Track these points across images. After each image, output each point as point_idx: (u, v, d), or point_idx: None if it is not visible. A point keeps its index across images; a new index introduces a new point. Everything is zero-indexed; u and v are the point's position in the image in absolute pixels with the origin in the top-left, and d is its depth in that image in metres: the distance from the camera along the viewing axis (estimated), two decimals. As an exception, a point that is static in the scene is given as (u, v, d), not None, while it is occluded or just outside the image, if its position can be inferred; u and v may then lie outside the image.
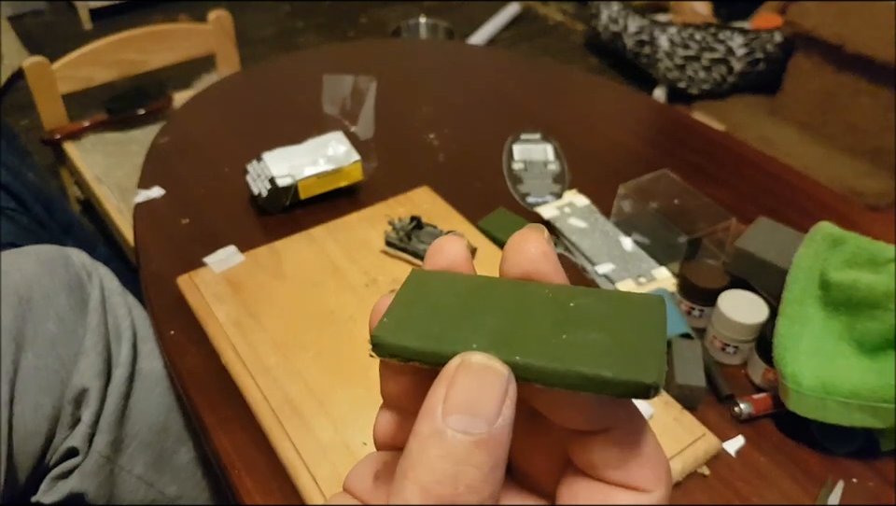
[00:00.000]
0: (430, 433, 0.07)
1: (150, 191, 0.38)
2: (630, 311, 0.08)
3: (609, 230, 0.36)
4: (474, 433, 0.07)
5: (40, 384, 0.27)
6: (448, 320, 0.08)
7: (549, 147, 0.43)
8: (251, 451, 0.25)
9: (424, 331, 0.08)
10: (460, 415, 0.07)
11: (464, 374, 0.08)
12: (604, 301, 0.08)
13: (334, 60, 0.53)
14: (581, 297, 0.09)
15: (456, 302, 0.09)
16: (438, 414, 0.07)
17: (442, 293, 0.09)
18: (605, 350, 0.08)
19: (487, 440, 0.07)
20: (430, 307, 0.09)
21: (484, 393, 0.07)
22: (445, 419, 0.07)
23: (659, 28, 0.99)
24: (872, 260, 0.27)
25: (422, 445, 0.07)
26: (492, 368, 0.08)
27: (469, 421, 0.07)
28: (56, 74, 0.64)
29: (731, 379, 0.29)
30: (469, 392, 0.07)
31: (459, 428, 0.07)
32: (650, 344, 0.08)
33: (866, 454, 0.26)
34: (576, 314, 0.08)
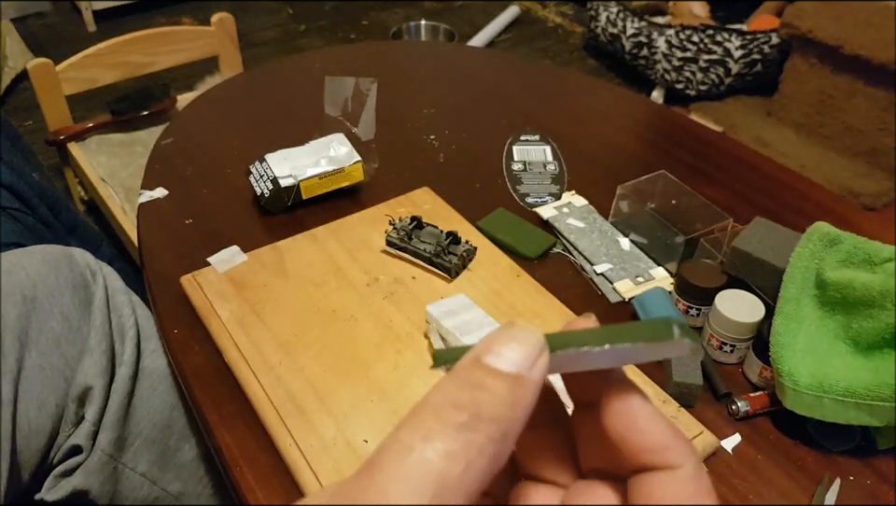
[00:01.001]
0: (466, 365, 0.08)
1: (154, 192, 0.39)
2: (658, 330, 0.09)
3: (608, 230, 0.36)
4: (502, 369, 0.08)
5: (44, 382, 0.27)
6: None
7: (548, 148, 0.43)
8: (254, 448, 0.26)
9: None
10: (495, 354, 0.08)
11: (506, 329, 0.08)
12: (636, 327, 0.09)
13: (336, 62, 0.53)
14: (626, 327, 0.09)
15: None
16: (476, 353, 0.08)
17: None
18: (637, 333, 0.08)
19: (514, 378, 0.07)
20: None
21: (521, 344, 0.08)
22: (482, 356, 0.08)
23: (657, 30, 0.99)
24: (867, 259, 0.27)
25: (454, 374, 0.07)
26: (529, 328, 0.08)
27: (504, 361, 0.08)
28: (60, 75, 0.64)
29: (728, 377, 0.29)
30: (507, 341, 0.08)
31: (491, 361, 0.08)
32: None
33: (863, 452, 0.26)
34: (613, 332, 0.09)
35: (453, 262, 0.32)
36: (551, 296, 0.31)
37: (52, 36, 1.19)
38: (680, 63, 0.97)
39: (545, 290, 0.32)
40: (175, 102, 0.70)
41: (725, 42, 0.95)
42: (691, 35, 0.96)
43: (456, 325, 0.27)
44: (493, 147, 0.43)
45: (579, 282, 0.33)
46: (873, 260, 0.27)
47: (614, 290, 0.33)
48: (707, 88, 0.98)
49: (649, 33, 1.00)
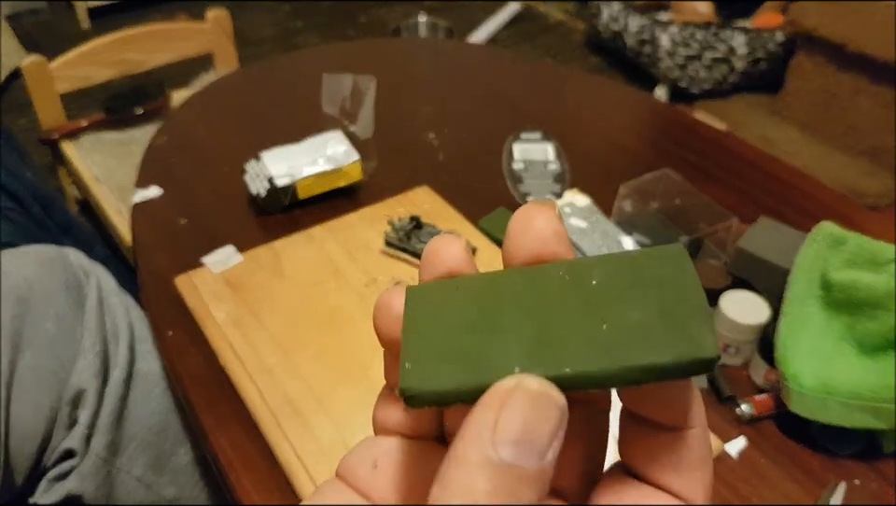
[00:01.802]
0: (479, 462, 0.06)
1: (148, 191, 0.38)
2: (655, 272, 0.07)
3: (610, 230, 0.35)
4: (525, 467, 0.06)
5: (38, 384, 0.26)
6: (474, 342, 0.07)
7: (549, 146, 0.42)
8: (250, 451, 0.25)
9: (454, 365, 0.07)
10: (513, 446, 0.06)
11: (520, 401, 0.07)
12: (624, 268, 0.08)
13: (334, 59, 0.53)
14: (599, 270, 0.07)
15: (472, 314, 0.08)
16: (487, 440, 0.07)
17: (452, 309, 0.08)
18: (652, 331, 0.07)
19: (538, 474, 0.07)
20: (447, 331, 0.08)
21: (541, 424, 0.07)
22: (497, 449, 0.06)
23: (660, 27, 0.98)
24: (872, 259, 0.27)
25: (468, 473, 0.06)
26: (550, 397, 0.07)
27: (521, 453, 0.06)
28: (54, 73, 0.63)
29: (732, 380, 0.29)
30: (524, 422, 0.07)
31: (511, 459, 0.06)
32: (692, 308, 0.07)
33: (868, 455, 0.26)
34: (602, 293, 0.07)
35: (452, 263, 0.31)
36: (552, 297, 0.31)
37: (46, 34, 1.18)
38: (684, 61, 0.97)
39: (546, 291, 0.31)
40: (169, 100, 0.70)
41: (729, 40, 0.94)
42: (694, 32, 0.95)
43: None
44: (493, 146, 0.43)
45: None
46: (877, 261, 0.26)
47: (616, 291, 0.32)
48: (711, 86, 0.97)
49: (652, 30, 0.99)
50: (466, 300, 0.08)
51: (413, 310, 0.08)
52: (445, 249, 0.08)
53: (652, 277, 0.07)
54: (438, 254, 0.08)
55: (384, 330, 0.08)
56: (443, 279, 0.08)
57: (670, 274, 0.07)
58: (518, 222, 0.08)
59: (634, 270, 0.08)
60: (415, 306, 0.08)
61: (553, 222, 0.08)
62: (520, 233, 0.08)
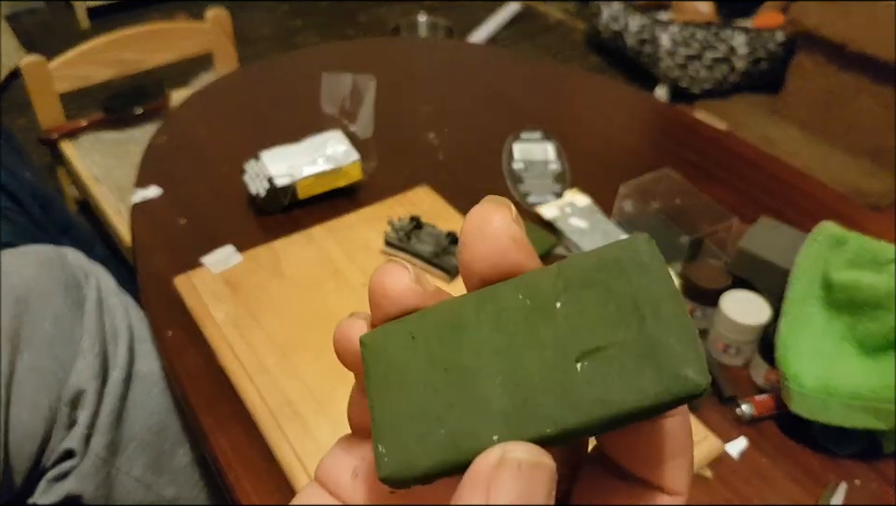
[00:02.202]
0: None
1: (147, 191, 0.38)
2: (623, 280, 0.07)
3: (611, 229, 0.35)
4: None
5: (37, 385, 0.26)
6: (445, 409, 0.07)
7: (549, 146, 0.42)
8: (249, 452, 0.25)
9: (431, 441, 0.07)
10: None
11: (508, 476, 0.06)
12: (587, 280, 0.07)
13: (333, 58, 0.53)
14: (561, 287, 0.07)
15: (436, 373, 0.07)
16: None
17: (414, 366, 0.07)
18: (632, 366, 0.06)
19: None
20: (415, 396, 0.07)
21: (534, 492, 0.06)
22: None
23: (660, 27, 0.98)
24: (874, 260, 0.27)
25: None
26: (540, 464, 0.06)
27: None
28: (53, 73, 0.63)
29: (733, 380, 0.29)
30: (518, 495, 0.06)
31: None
32: (671, 325, 0.06)
33: (869, 455, 0.26)
34: (570, 322, 0.07)
35: (452, 263, 0.31)
36: (552, 297, 0.31)
37: (45, 33, 1.18)
38: (684, 61, 0.97)
39: (546, 291, 0.31)
40: (169, 99, 0.69)
41: (730, 39, 0.94)
42: (695, 31, 0.95)
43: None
44: (493, 146, 0.43)
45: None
46: (878, 261, 0.26)
47: (617, 291, 0.32)
48: (712, 85, 0.97)
49: (652, 29, 0.99)
50: (426, 350, 0.07)
51: (373, 369, 0.07)
52: (393, 286, 0.07)
53: (621, 289, 0.07)
54: (385, 293, 0.08)
55: (348, 363, 0.08)
56: (397, 320, 0.08)
57: (641, 281, 0.07)
58: (472, 225, 0.07)
59: (599, 282, 0.07)
60: (375, 364, 0.07)
61: (511, 226, 0.07)
62: (476, 240, 0.07)
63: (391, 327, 0.08)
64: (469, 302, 0.07)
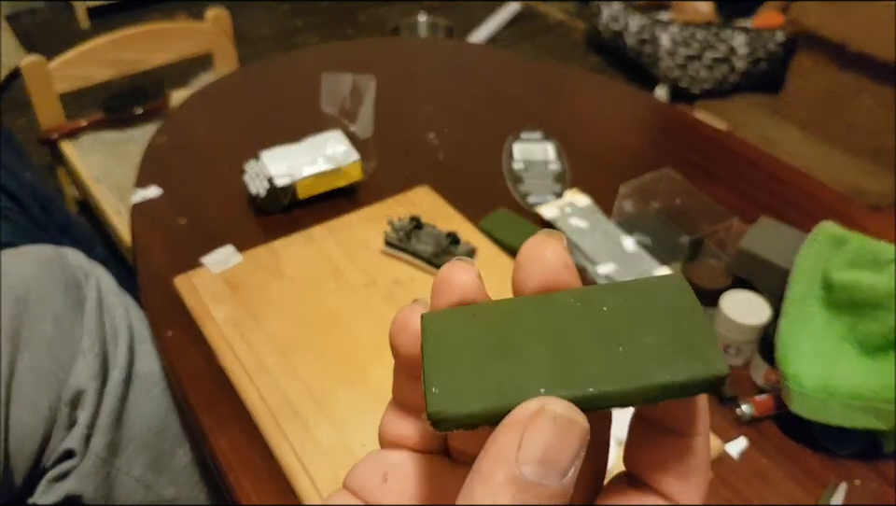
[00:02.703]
0: (504, 480, 0.07)
1: (147, 191, 0.38)
2: (661, 299, 0.08)
3: (611, 230, 0.35)
4: (549, 486, 0.07)
5: (37, 385, 0.26)
6: (496, 365, 0.08)
7: (549, 146, 0.42)
8: (249, 452, 0.25)
9: (480, 389, 0.08)
10: (537, 466, 0.07)
11: (544, 424, 0.07)
12: (632, 295, 0.08)
13: (333, 58, 0.53)
14: (609, 298, 0.08)
15: (491, 340, 0.08)
16: (512, 459, 0.07)
17: (470, 335, 0.08)
18: (666, 352, 0.08)
19: (560, 492, 0.07)
20: (468, 356, 0.08)
21: (564, 446, 0.07)
22: (521, 467, 0.07)
23: (660, 27, 0.98)
24: (874, 260, 0.27)
25: (492, 490, 0.07)
26: (574, 420, 0.07)
27: (545, 473, 0.07)
28: (53, 73, 0.63)
29: (733, 380, 0.29)
30: (549, 444, 0.07)
31: (535, 478, 0.07)
32: (700, 331, 0.08)
33: (869, 455, 0.26)
34: (614, 319, 0.08)
35: (452, 263, 0.31)
36: (552, 297, 0.31)
37: (45, 33, 1.18)
38: (684, 61, 0.97)
39: (546, 291, 0.31)
40: (168, 99, 0.69)
41: (730, 39, 0.94)
42: (695, 31, 0.95)
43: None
44: (493, 146, 0.43)
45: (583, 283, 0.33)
46: (879, 261, 0.26)
47: (617, 291, 0.32)
48: (712, 85, 0.97)
49: (652, 29, 0.99)
50: (483, 326, 0.08)
51: (431, 336, 0.08)
52: (458, 277, 0.09)
53: (659, 304, 0.08)
54: (450, 282, 0.09)
55: (401, 348, 0.09)
56: (457, 307, 0.08)
57: (675, 301, 0.08)
58: (527, 253, 0.09)
59: (641, 297, 0.08)
60: (433, 332, 0.08)
61: (562, 254, 0.08)
62: (530, 264, 0.08)
63: (450, 311, 0.08)
64: (524, 299, 0.08)
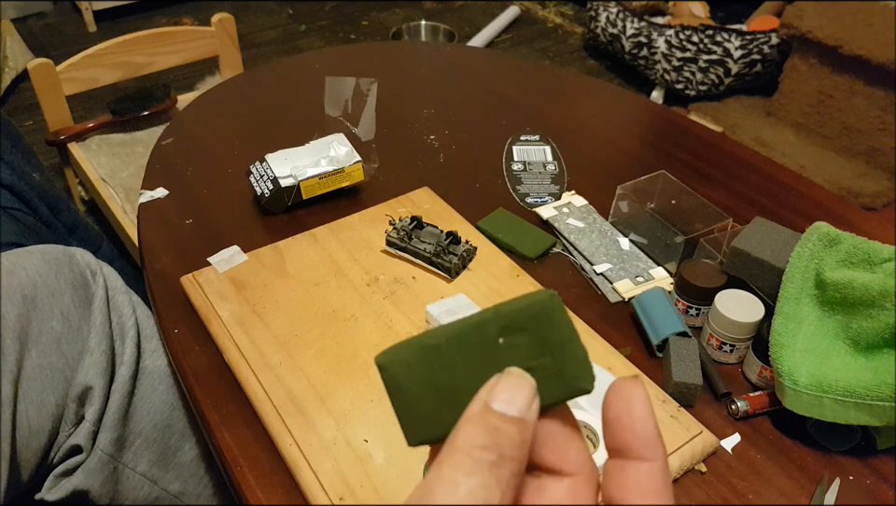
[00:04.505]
0: (479, 411, 0.10)
1: (154, 192, 0.39)
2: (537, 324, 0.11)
3: (607, 230, 0.36)
4: (511, 415, 0.10)
5: (44, 382, 0.27)
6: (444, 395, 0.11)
7: (547, 148, 0.43)
8: (254, 448, 0.26)
9: (439, 415, 0.10)
10: (502, 401, 0.10)
11: (507, 379, 0.10)
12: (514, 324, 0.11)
13: (336, 62, 0.53)
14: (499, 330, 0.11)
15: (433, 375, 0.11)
16: (484, 399, 0.10)
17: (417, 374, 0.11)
18: (550, 379, 0.10)
19: (520, 421, 0.10)
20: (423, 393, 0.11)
21: (522, 391, 0.10)
22: (492, 401, 0.10)
23: (657, 30, 0.99)
24: (867, 259, 0.27)
25: (471, 422, 0.09)
26: (526, 377, 0.10)
27: (508, 406, 0.10)
28: (61, 75, 0.64)
29: (727, 377, 0.29)
30: (510, 388, 0.10)
31: (501, 408, 0.10)
32: (572, 355, 0.10)
33: (863, 451, 0.26)
34: (509, 351, 0.11)
35: (453, 262, 0.32)
36: (551, 296, 0.31)
37: (53, 36, 1.19)
38: (680, 64, 0.98)
39: (545, 290, 0.32)
40: (175, 102, 0.70)
41: (725, 42, 0.95)
42: (690, 35, 0.96)
43: (456, 325, 0.27)
44: (493, 148, 0.43)
45: (578, 282, 0.33)
46: (872, 260, 0.27)
47: (614, 290, 0.33)
48: (707, 88, 0.98)
49: (648, 33, 1.00)
50: (424, 364, 0.11)
51: (391, 382, 0.11)
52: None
53: (538, 332, 0.10)
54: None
55: None
56: (398, 345, 0.11)
57: (550, 328, 0.11)
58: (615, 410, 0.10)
59: (523, 327, 0.11)
60: (391, 378, 0.11)
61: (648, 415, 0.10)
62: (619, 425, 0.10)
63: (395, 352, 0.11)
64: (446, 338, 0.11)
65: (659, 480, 0.10)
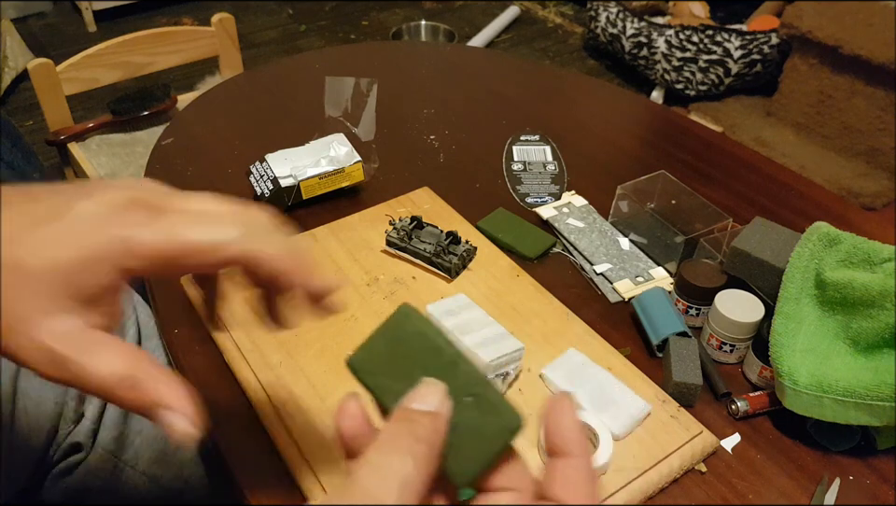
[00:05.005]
0: (400, 411, 0.13)
1: (154, 192, 0.39)
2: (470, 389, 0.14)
3: (607, 230, 0.36)
4: (425, 410, 0.13)
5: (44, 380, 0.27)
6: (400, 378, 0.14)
7: (547, 148, 0.43)
8: (254, 447, 0.26)
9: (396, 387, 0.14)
10: (418, 402, 0.13)
11: (422, 386, 0.13)
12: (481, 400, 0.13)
13: (336, 62, 0.53)
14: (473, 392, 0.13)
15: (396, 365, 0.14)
16: (404, 404, 0.13)
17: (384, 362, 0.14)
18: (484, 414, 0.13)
19: (434, 414, 0.13)
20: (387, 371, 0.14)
21: (433, 393, 0.13)
22: (409, 404, 0.13)
23: (657, 30, 0.99)
24: (867, 259, 0.27)
25: (394, 419, 0.13)
26: (438, 384, 0.13)
27: (422, 404, 0.13)
28: (61, 75, 0.64)
29: (727, 377, 0.29)
30: (424, 391, 0.13)
31: (417, 406, 0.13)
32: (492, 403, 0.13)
33: (863, 451, 0.27)
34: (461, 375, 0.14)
35: (453, 262, 0.32)
36: (550, 296, 0.31)
37: (53, 36, 1.19)
38: (680, 64, 0.98)
39: (545, 290, 0.32)
40: (175, 102, 0.70)
41: (725, 42, 0.95)
42: (690, 35, 0.96)
43: (456, 325, 0.27)
44: (493, 148, 0.43)
45: (578, 282, 0.33)
46: (872, 260, 0.27)
47: (614, 290, 0.33)
48: (707, 88, 0.99)
49: (648, 33, 1.00)
50: (389, 355, 0.14)
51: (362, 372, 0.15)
52: None
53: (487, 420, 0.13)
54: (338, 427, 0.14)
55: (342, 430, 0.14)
56: (366, 344, 0.15)
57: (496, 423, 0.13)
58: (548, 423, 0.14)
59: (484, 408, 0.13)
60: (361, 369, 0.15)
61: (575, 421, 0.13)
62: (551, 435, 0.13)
63: (362, 352, 0.15)
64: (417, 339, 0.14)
65: (581, 471, 0.13)
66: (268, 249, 0.15)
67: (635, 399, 0.26)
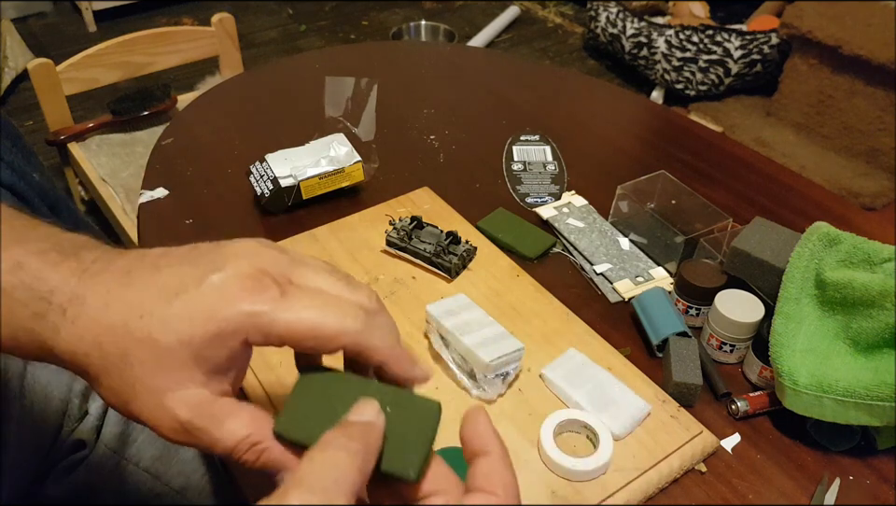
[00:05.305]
0: (342, 424, 0.14)
1: (154, 192, 0.39)
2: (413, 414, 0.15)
3: (607, 230, 0.36)
4: (363, 421, 0.15)
5: (48, 377, 0.27)
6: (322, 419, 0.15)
7: (547, 148, 0.43)
8: (254, 447, 0.26)
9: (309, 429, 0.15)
10: (356, 415, 0.15)
11: (359, 403, 0.15)
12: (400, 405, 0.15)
13: (336, 62, 0.53)
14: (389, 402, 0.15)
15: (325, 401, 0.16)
16: (348, 417, 0.15)
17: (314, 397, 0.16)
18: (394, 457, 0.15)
19: (369, 424, 0.15)
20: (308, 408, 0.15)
21: (368, 407, 0.15)
22: (351, 417, 0.15)
23: (657, 30, 0.99)
24: (867, 259, 0.27)
25: (337, 428, 0.14)
26: (373, 401, 0.15)
27: (360, 416, 0.15)
28: (61, 75, 0.64)
29: (727, 377, 0.29)
30: (361, 406, 0.15)
31: (355, 418, 0.15)
32: (416, 442, 0.15)
33: (863, 451, 0.27)
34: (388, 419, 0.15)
35: (453, 262, 0.32)
36: (550, 296, 0.31)
37: (53, 36, 1.19)
38: (680, 64, 0.98)
39: (545, 290, 0.32)
40: (175, 102, 0.71)
41: (725, 42, 0.95)
42: (690, 35, 0.96)
43: (456, 325, 0.27)
44: (493, 148, 0.43)
45: (578, 282, 0.33)
46: (872, 260, 0.27)
47: (614, 290, 0.33)
48: (707, 88, 0.99)
49: (648, 33, 1.00)
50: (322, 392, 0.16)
51: (298, 389, 0.16)
52: None
53: (411, 417, 0.15)
54: None
55: None
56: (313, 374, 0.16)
57: (419, 417, 0.15)
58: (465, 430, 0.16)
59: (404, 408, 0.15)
60: (300, 389, 0.16)
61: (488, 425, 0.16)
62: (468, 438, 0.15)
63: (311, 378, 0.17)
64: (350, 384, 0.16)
65: (501, 464, 0.14)
66: (381, 345, 0.15)
67: (635, 399, 0.26)
